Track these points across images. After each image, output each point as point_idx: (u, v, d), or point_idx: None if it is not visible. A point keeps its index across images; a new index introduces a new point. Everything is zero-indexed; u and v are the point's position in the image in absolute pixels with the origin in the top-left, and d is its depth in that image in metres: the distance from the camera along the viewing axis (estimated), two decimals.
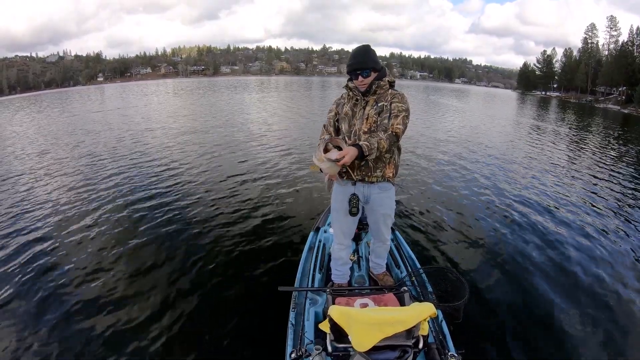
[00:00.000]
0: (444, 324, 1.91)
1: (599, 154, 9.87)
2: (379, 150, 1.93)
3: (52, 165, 7.83)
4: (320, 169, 1.87)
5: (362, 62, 2.08)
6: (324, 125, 2.32)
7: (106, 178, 6.52)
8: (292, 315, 2.10)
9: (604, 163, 8.65)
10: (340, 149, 1.92)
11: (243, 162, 7.61)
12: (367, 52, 2.12)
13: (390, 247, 2.66)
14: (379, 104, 2.10)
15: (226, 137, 10.54)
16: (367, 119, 2.10)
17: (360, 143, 1.90)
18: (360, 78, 2.09)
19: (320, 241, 2.92)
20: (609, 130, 16.81)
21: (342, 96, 2.29)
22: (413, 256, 2.74)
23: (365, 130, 2.10)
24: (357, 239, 2.91)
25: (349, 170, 2.07)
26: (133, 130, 12.26)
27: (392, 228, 2.53)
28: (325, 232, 3.05)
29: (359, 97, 2.15)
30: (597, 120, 22.09)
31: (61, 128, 14.09)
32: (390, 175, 2.20)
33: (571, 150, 10.40)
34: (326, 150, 1.92)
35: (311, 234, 3.13)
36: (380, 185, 2.19)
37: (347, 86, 2.22)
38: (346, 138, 2.15)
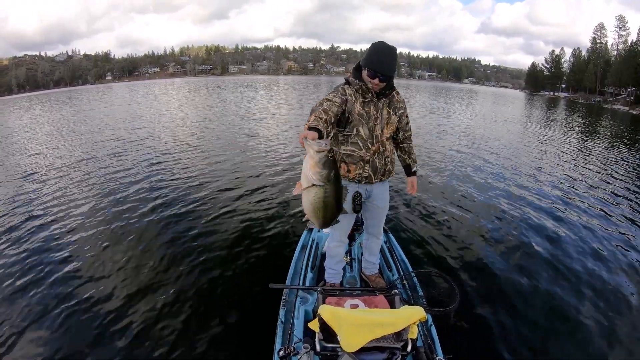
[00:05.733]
0: (433, 329, 1.92)
1: (607, 157, 9.73)
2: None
3: (65, 163, 7.94)
4: None
5: (389, 69, 1.94)
6: (323, 110, 1.79)
7: (110, 175, 6.58)
8: (282, 312, 2.11)
9: (612, 166, 8.52)
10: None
11: (242, 161, 7.60)
12: (395, 59, 1.97)
13: (383, 249, 2.66)
14: (397, 112, 2.10)
15: (231, 137, 10.56)
16: (388, 124, 2.08)
17: (414, 169, 2.32)
18: (377, 80, 1.95)
19: (313, 240, 2.93)
20: (618, 131, 16.51)
21: (345, 91, 2.02)
22: (405, 259, 2.74)
23: (388, 136, 2.10)
24: (350, 239, 2.89)
25: (371, 174, 2.12)
26: (147, 133, 12.33)
27: (384, 229, 2.54)
28: (318, 231, 3.03)
29: (374, 100, 2.03)
30: (606, 122, 21.72)
31: (72, 127, 14.25)
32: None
33: (578, 154, 10.22)
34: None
35: (304, 232, 3.13)
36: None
37: (356, 83, 1.99)
38: (368, 144, 2.05)
